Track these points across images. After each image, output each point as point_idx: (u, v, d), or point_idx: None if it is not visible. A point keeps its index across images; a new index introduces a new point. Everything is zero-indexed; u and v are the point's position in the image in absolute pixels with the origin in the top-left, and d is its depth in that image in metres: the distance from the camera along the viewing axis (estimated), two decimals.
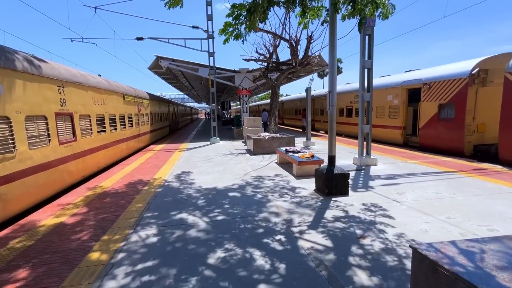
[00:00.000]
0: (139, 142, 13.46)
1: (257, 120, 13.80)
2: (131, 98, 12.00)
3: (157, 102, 18.37)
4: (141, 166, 9.14)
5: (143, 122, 14.18)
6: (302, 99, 24.56)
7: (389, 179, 6.48)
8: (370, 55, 7.87)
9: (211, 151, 11.84)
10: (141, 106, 13.49)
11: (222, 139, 16.47)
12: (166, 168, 8.65)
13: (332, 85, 5.26)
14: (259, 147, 10.58)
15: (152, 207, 5.04)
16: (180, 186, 6.48)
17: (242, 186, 6.32)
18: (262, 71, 12.26)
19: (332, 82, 5.26)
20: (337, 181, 5.26)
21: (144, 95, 14.87)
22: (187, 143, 15.53)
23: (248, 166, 8.57)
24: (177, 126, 28.11)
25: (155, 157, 10.89)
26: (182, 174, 7.68)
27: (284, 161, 8.62)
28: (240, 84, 17.23)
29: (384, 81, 13.54)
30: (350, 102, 16.37)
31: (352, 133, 16.34)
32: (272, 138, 10.68)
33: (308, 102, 12.60)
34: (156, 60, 16.18)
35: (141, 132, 13.62)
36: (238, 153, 11.22)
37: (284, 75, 11.61)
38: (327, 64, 18.95)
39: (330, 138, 5.42)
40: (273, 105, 11.65)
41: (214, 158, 10.09)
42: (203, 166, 8.77)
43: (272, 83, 11.89)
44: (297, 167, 6.91)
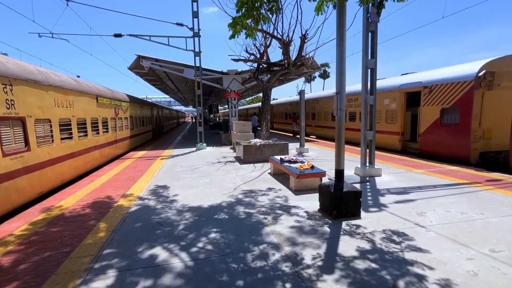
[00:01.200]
0: (117, 149, 12.18)
1: (247, 125, 12.83)
2: (106, 100, 10.77)
3: (139, 105, 17.08)
4: (115, 178, 7.95)
5: (121, 127, 12.92)
6: (293, 102, 23.85)
7: (400, 194, 5.65)
8: (373, 54, 7.10)
9: (196, 159, 10.75)
10: (118, 109, 12.25)
11: (209, 145, 15.39)
12: (143, 180, 7.51)
13: (340, 86, 4.38)
14: (249, 154, 9.60)
15: (116, 238, 3.94)
16: (156, 205, 5.39)
17: (232, 204, 5.31)
18: (252, 73, 11.36)
19: (341, 83, 4.37)
20: (347, 200, 4.35)
21: (123, 97, 13.61)
22: (171, 149, 14.35)
23: (238, 177, 7.56)
24: (161, 131, 26.72)
25: (133, 166, 9.69)
26: (161, 189, 6.57)
27: (278, 172, 7.68)
28: (228, 87, 16.25)
29: (380, 84, 12.91)
30: None
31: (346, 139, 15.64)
32: (264, 145, 9.73)
33: (302, 106, 11.77)
34: (137, 59, 14.96)
35: (118, 137, 12.35)
36: (227, 161, 10.19)
37: (276, 76, 10.74)
38: (319, 66, 18.32)
39: (337, 148, 4.52)
40: (265, 108, 10.74)
41: (199, 168, 9.02)
42: (186, 177, 7.69)
43: (263, 85, 11.00)
44: (295, 180, 5.97)
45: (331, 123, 17.12)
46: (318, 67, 17.71)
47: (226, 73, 16.11)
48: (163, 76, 21.08)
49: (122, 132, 13.10)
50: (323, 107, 18.46)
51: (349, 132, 15.15)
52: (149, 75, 18.50)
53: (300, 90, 11.64)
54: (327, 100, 17.88)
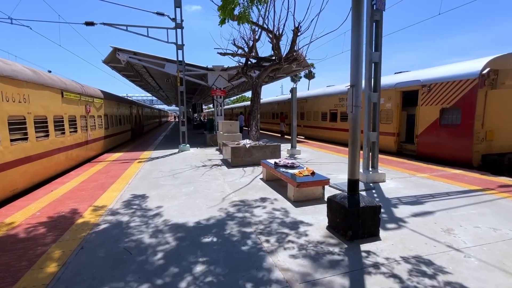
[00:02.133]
0: (88, 151, 10.86)
1: (235, 124, 11.90)
2: (74, 96, 9.47)
3: (115, 103, 15.67)
4: (81, 185, 6.77)
5: (93, 126, 11.58)
6: (280, 102, 23.13)
7: (415, 204, 4.94)
8: (377, 46, 6.40)
9: (179, 162, 9.69)
10: (90, 107, 10.92)
11: (193, 146, 14.30)
12: (115, 189, 6.40)
13: (357, 77, 3.58)
14: (238, 157, 8.67)
15: (65, 278, 2.91)
16: (128, 222, 4.36)
17: (222, 221, 4.38)
18: (240, 68, 10.46)
19: (357, 73, 3.57)
20: (364, 217, 3.55)
21: (96, 93, 12.25)
22: (150, 150, 13.14)
23: (226, 184, 6.62)
24: (142, 130, 25.17)
25: (105, 171, 8.49)
26: (136, 200, 5.52)
27: (272, 178, 6.81)
28: (213, 84, 15.22)
29: None
30: (334, 105, 15.11)
31: (337, 139, 15.11)
32: (254, 146, 8.84)
33: (294, 105, 10.98)
34: (113, 52, 13.60)
35: (90, 138, 11.03)
36: (213, 164, 9.21)
37: (266, 72, 9.88)
38: (309, 64, 17.66)
39: (351, 153, 3.72)
40: (254, 107, 9.86)
41: (182, 173, 7.99)
42: (166, 185, 6.66)
43: (252, 82, 10.11)
44: (294, 189, 5.12)
45: (321, 123, 16.52)
46: (308, 65, 17.05)
47: (212, 69, 15.07)
48: (143, 72, 19.67)
49: (95, 132, 11.76)
50: (312, 107, 17.83)
51: (340, 133, 14.58)
52: (127, 70, 17.09)
53: (292, 87, 10.86)
54: (317, 99, 17.26)
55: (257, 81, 10.07)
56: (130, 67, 16.56)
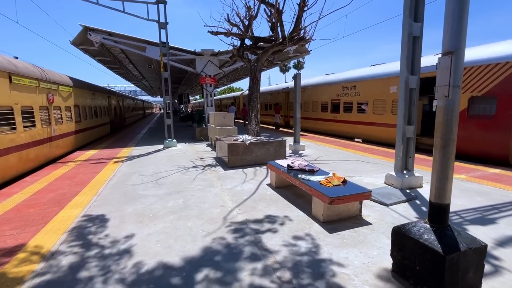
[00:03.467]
0: (53, 149, 9.05)
1: (229, 117, 10.35)
2: (29, 82, 7.61)
3: (89, 92, 13.67)
4: (33, 198, 5.12)
5: (59, 119, 9.71)
6: (274, 92, 21.60)
7: (486, 224, 3.67)
8: (418, 16, 5.00)
9: (164, 162, 8.10)
10: (53, 95, 9.04)
11: (181, 141, 12.66)
12: (76, 204, 4.80)
13: (459, 39, 2.15)
14: (236, 156, 7.19)
15: None
16: (79, 272, 2.83)
17: (226, 261, 2.93)
18: (236, 49, 8.86)
19: (460, 31, 2.14)
20: (466, 266, 2.19)
21: (62, 80, 10.31)
22: (131, 147, 11.41)
23: (225, 194, 5.15)
24: (123, 123, 23.09)
25: (71, 175, 6.81)
26: (101, 223, 3.97)
27: (283, 184, 5.40)
28: (202, 70, 13.51)
29: (383, 69, 11.08)
30: (336, 95, 13.78)
31: (339, 132, 13.85)
32: (255, 143, 7.37)
33: (297, 93, 9.54)
34: (83, 32, 11.61)
35: (56, 133, 9.20)
36: (205, 165, 7.69)
37: (267, 54, 8.34)
38: (307, 50, 16.17)
39: (441, 162, 2.33)
40: (253, 96, 8.35)
41: (168, 177, 6.44)
42: (147, 196, 5.11)
43: (251, 66, 8.55)
44: (325, 206, 3.73)
45: (321, 115, 15.21)
46: (306, 50, 15.57)
47: (200, 53, 13.32)
48: (121, 58, 17.58)
49: (62, 126, 9.91)
50: (311, 97, 16.46)
51: (344, 126, 13.32)
52: (102, 55, 15.02)
53: (295, 73, 9.39)
54: (316, 88, 15.89)
55: (256, 65, 8.52)
56: (106, 51, 14.53)
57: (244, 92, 30.08)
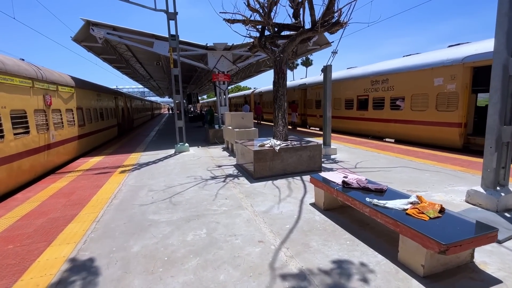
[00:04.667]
0: (52, 157, 8.02)
1: (248, 117, 9.13)
2: (20, 81, 6.56)
3: (93, 93, 12.67)
4: (17, 227, 4.02)
5: (60, 123, 8.67)
6: (290, 89, 20.22)
7: None
8: None
9: (176, 172, 6.95)
10: (51, 97, 7.99)
11: (193, 144, 11.53)
12: (69, 236, 3.66)
13: None
14: (264, 165, 5.95)
15: None
16: None
17: None
18: (257, 39, 7.62)
19: None
20: None
21: (63, 80, 9.28)
22: (139, 152, 10.34)
23: (260, 221, 3.93)
24: (131, 125, 22.17)
25: (69, 190, 5.72)
26: (95, 276, 2.80)
27: (334, 205, 4.15)
28: (215, 67, 12.32)
29: (424, 59, 9.64)
30: (364, 90, 12.38)
31: (367, 132, 12.46)
32: (285, 148, 6.12)
33: (328, 88, 8.25)
34: (85, 26, 10.58)
35: (55, 140, 8.16)
36: (226, 175, 6.49)
37: (295, 42, 7.07)
38: (328, 41, 14.79)
39: None
40: (279, 92, 7.09)
41: (183, 194, 5.26)
42: (158, 224, 3.94)
43: (275, 57, 7.29)
44: (429, 254, 2.46)
45: (345, 113, 13.82)
46: (327, 42, 14.19)
47: (212, 48, 12.14)
48: (128, 56, 16.57)
49: (63, 131, 8.87)
50: (332, 93, 15.04)
51: (371, 124, 11.91)
52: (107, 52, 14.01)
53: (326, 65, 8.09)
54: (339, 84, 14.50)
55: (282, 56, 7.24)
56: (111, 49, 13.50)
57: (256, 90, 28.82)
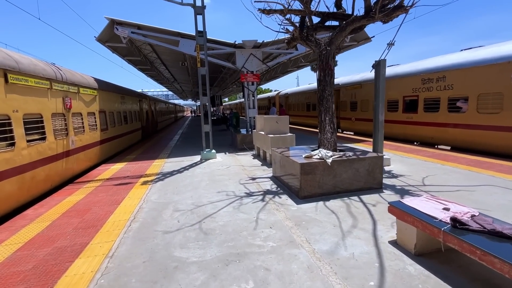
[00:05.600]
0: (71, 165, 7.40)
1: (283, 121, 8.02)
2: (36, 82, 5.93)
3: (117, 95, 12.18)
4: (10, 264, 3.19)
5: (80, 128, 8.08)
6: None
7: None
8: None
9: (205, 185, 5.99)
10: (70, 100, 7.40)
11: (219, 150, 10.63)
12: (72, 282, 2.74)
13: None
14: (312, 182, 4.81)
15: None
16: None
17: None
18: (297, 31, 6.52)
19: None
20: None
21: (85, 81, 8.72)
22: (163, 158, 9.59)
23: (327, 269, 2.80)
24: (155, 128, 21.87)
25: (83, 208, 4.93)
26: None
27: (431, 248, 2.92)
28: (243, 66, 11.37)
29: (494, 51, 8.03)
30: (413, 90, 10.85)
31: (417, 137, 10.89)
32: (338, 161, 4.93)
33: (381, 87, 6.96)
34: (109, 26, 10.06)
35: (75, 146, 7.55)
36: (263, 192, 5.42)
37: (345, 32, 5.89)
38: (368, 37, 13.37)
39: None
40: (327, 91, 5.92)
41: (215, 217, 4.25)
42: (188, 267, 2.93)
43: (320, 51, 6.14)
44: None
45: (387, 116, 12.28)
46: (367, 37, 12.78)
47: (241, 45, 11.20)
48: (153, 58, 16.12)
49: (85, 136, 8.28)
50: (370, 94, 13.61)
51: (421, 128, 10.35)
52: (132, 54, 13.55)
53: (379, 60, 6.80)
54: None
55: (329, 49, 6.08)
56: (136, 50, 13.01)
57: (281, 92, 27.69)
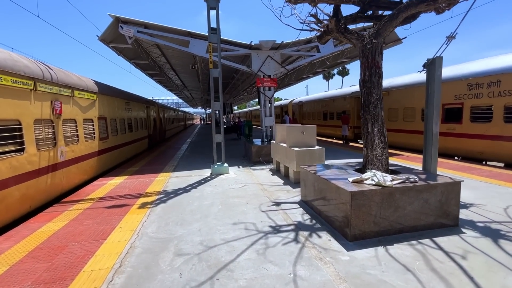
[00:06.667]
0: (59, 180, 6.26)
1: (310, 132, 6.72)
2: (14, 81, 4.86)
3: (121, 101, 11.18)
4: None
5: (73, 137, 6.99)
6: (338, 97, 17.48)
7: None
8: None
9: (216, 212, 4.70)
10: (61, 104, 6.29)
11: (231, 162, 9.39)
12: None
13: None
14: (367, 217, 3.46)
15: None
16: None
17: None
18: (333, 21, 5.29)
19: None
20: None
21: (82, 84, 7.68)
22: (168, 172, 8.40)
23: None
24: (163, 136, 20.88)
25: (58, 242, 3.71)
26: None
27: None
28: (260, 70, 10.21)
29: None
30: (455, 97, 9.43)
31: (460, 152, 9.39)
32: (403, 189, 3.57)
33: (436, 91, 5.61)
34: (114, 24, 9.12)
35: (64, 158, 6.43)
36: (293, 225, 4.09)
37: (396, 21, 4.64)
38: (399, 38, 12.04)
39: None
40: (374, 95, 4.58)
41: (232, 269, 2.95)
42: None
43: (363, 45, 4.89)
44: None
45: (421, 126, 10.85)
46: (397, 38, 11.48)
47: (257, 47, 10.08)
48: (161, 62, 15.22)
49: (78, 146, 7.18)
50: (399, 102, 12.24)
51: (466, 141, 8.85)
52: (139, 57, 12.63)
53: (434, 57, 5.47)
54: (409, 90, 11.62)
55: (375, 42, 4.81)
56: (143, 52, 12.07)
57: (295, 100, 26.47)
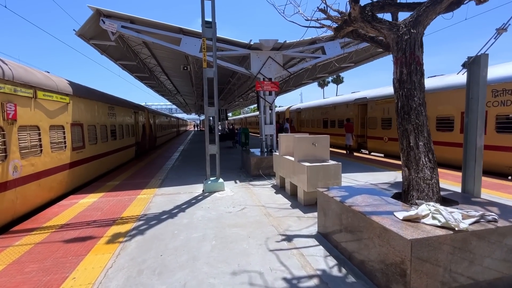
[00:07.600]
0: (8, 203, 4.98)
1: (323, 143, 5.62)
2: None
3: (103, 105, 9.93)
4: None
5: (35, 148, 5.73)
6: (340, 104, 16.51)
7: None
8: None
9: (208, 251, 3.51)
10: (15, 106, 5.05)
11: (226, 177, 8.21)
12: None
13: None
14: (434, 276, 2.33)
15: None
16: None
17: None
18: (357, 8, 4.29)
19: None
20: None
21: (50, 83, 6.45)
22: (154, 188, 7.18)
23: None
24: (153, 144, 19.56)
25: None
26: None
27: None
28: (259, 72, 9.15)
29: None
30: None
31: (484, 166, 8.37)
32: (480, 233, 2.46)
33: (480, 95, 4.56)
34: (94, 17, 7.97)
35: (19, 174, 5.16)
36: (314, 276, 2.92)
37: (441, 6, 3.65)
38: None
39: None
40: (416, 98, 3.51)
41: None
42: None
43: (397, 35, 3.88)
44: None
45: (435, 136, 9.88)
46: None
47: (257, 47, 9.03)
48: (151, 65, 14.05)
49: (41, 158, 5.92)
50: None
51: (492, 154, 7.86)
52: (126, 58, 11.44)
53: (478, 54, 4.46)
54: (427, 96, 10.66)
55: (414, 32, 3.78)
56: (130, 52, 10.91)
57: (292, 107, 25.50)
